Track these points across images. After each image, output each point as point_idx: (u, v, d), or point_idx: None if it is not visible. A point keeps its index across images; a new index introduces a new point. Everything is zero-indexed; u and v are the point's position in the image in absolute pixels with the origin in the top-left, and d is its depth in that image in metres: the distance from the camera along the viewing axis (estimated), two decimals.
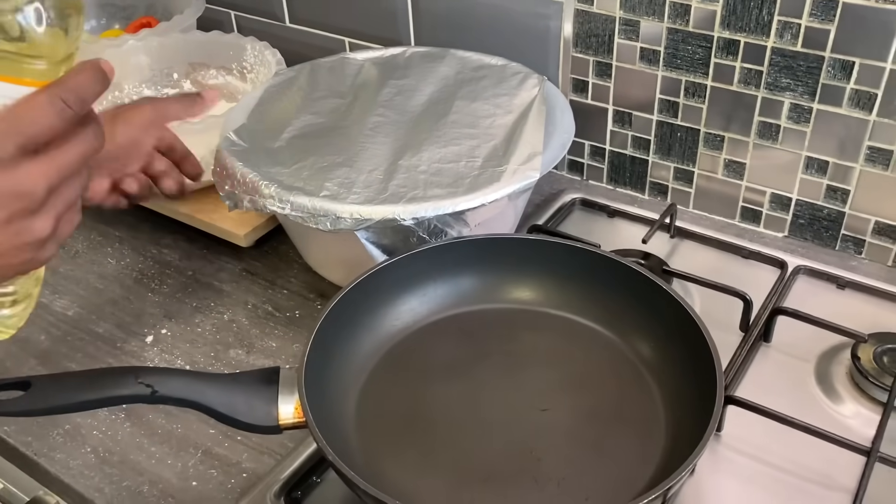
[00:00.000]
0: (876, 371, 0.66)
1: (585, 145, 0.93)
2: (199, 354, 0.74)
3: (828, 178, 0.80)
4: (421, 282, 0.69)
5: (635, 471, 0.57)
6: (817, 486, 0.61)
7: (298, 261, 0.84)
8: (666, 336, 0.63)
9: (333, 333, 0.62)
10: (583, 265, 0.68)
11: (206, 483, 0.63)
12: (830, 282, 0.79)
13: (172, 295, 0.81)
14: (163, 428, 0.67)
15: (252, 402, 0.55)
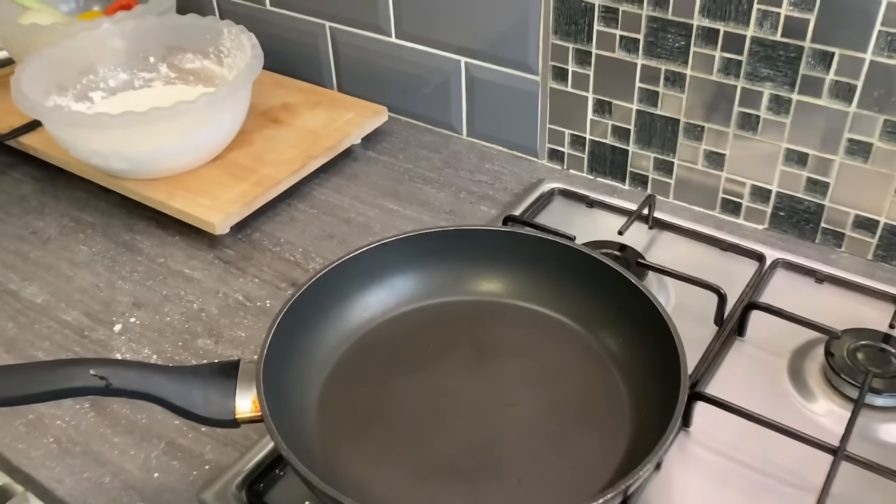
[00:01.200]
0: (849, 368, 0.65)
1: (566, 134, 0.92)
2: (167, 344, 0.73)
3: (808, 171, 0.79)
4: (389, 273, 0.68)
5: (598, 467, 0.56)
6: (787, 484, 0.60)
7: (272, 249, 0.83)
8: (634, 331, 0.62)
9: (296, 325, 0.61)
10: (554, 258, 0.67)
11: (169, 474, 0.62)
12: (809, 276, 0.78)
13: (143, 283, 0.80)
14: (127, 419, 0.66)
15: (209, 396, 0.55)
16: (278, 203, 0.89)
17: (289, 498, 0.59)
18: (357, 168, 0.95)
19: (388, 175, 0.94)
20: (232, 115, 0.87)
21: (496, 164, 0.96)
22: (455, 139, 1.00)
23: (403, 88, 1.01)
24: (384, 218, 0.87)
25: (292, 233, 0.86)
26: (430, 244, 0.69)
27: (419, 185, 0.93)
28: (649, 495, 0.59)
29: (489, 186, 0.92)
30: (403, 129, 1.02)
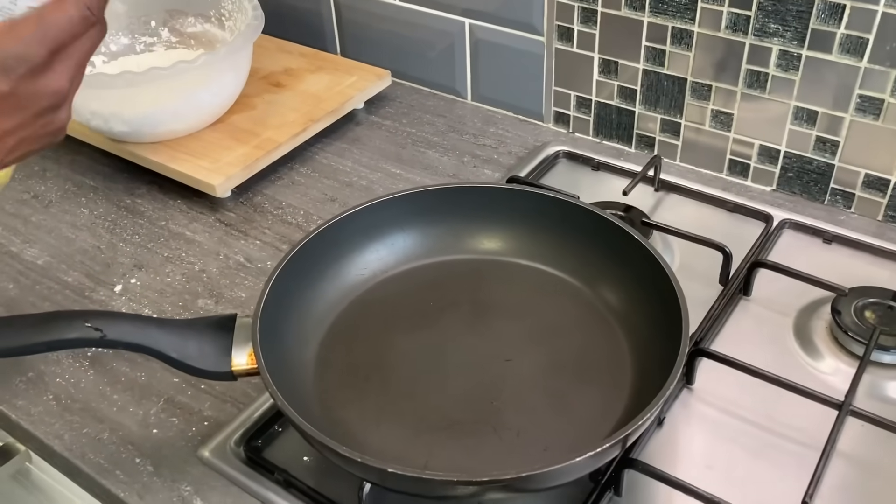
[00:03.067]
0: (856, 326, 0.64)
1: (571, 96, 0.90)
2: (167, 304, 0.73)
3: (817, 129, 0.77)
4: (389, 231, 0.68)
5: (597, 422, 0.55)
6: (791, 441, 0.59)
7: (273, 212, 0.83)
8: (637, 287, 0.61)
9: (294, 281, 0.61)
10: (556, 215, 0.66)
11: (167, 431, 0.62)
12: (817, 236, 0.77)
13: (144, 245, 0.80)
14: (126, 376, 0.66)
15: (205, 349, 0.54)
16: (280, 167, 0.88)
17: (287, 454, 0.59)
18: (360, 132, 0.94)
19: (391, 139, 0.93)
20: (233, 77, 0.86)
21: (501, 128, 0.94)
22: (459, 103, 0.99)
23: (407, 52, 1.00)
24: (387, 182, 0.87)
25: (294, 196, 0.85)
26: (431, 202, 0.68)
27: (422, 150, 0.92)
28: (652, 451, 0.58)
29: (493, 150, 0.91)
30: (407, 94, 1.01)
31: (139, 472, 0.59)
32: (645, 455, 0.58)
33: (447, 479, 0.45)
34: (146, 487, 0.58)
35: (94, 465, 0.59)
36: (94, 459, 0.60)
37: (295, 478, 0.56)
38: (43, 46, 0.45)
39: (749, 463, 0.58)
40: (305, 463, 0.58)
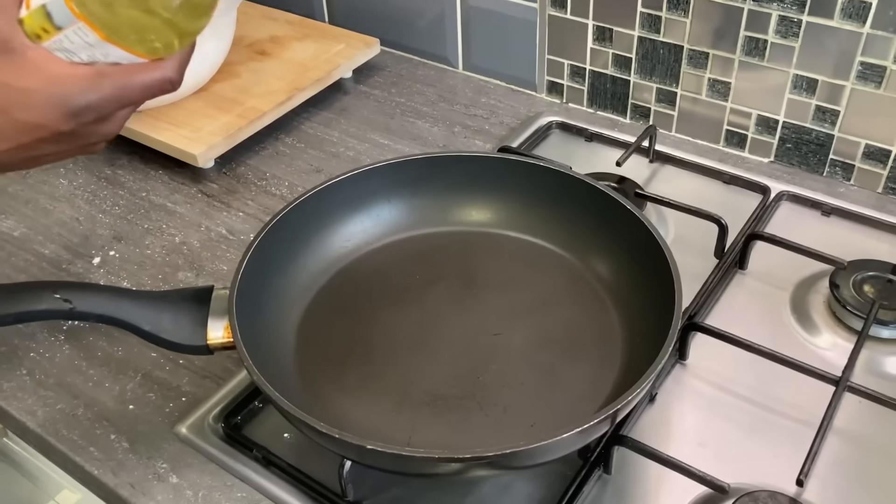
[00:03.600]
0: (854, 300, 0.62)
1: (565, 65, 0.88)
2: (147, 277, 0.71)
3: (816, 99, 0.75)
4: (375, 201, 0.65)
5: (588, 397, 0.53)
6: (785, 417, 0.57)
7: (257, 183, 0.81)
8: (629, 259, 0.59)
9: (274, 253, 0.58)
10: (547, 186, 0.64)
11: (144, 406, 0.60)
12: (815, 208, 0.75)
13: (124, 216, 0.77)
14: (103, 350, 0.64)
15: (179, 321, 0.52)
16: (264, 137, 0.86)
17: (267, 431, 0.57)
18: (347, 102, 0.92)
19: (379, 109, 0.91)
20: (215, 44, 0.83)
21: (493, 99, 0.92)
22: (450, 73, 0.97)
23: (397, 20, 0.97)
24: (374, 152, 0.84)
25: (278, 167, 0.83)
26: (419, 171, 0.66)
27: (412, 120, 0.89)
28: (643, 427, 0.57)
29: (485, 121, 0.89)
30: (397, 63, 0.98)
31: (114, 448, 0.57)
32: (636, 432, 0.56)
33: (428, 455, 0.43)
34: (121, 464, 0.56)
35: (67, 441, 0.57)
36: (67, 436, 0.58)
37: (275, 455, 0.55)
38: (119, 103, 0.44)
39: (743, 440, 0.56)
40: (286, 440, 0.56)
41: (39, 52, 0.42)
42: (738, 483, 0.52)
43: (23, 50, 0.42)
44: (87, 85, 0.43)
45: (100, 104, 0.43)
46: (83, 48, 0.43)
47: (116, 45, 0.43)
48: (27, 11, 0.42)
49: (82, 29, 0.42)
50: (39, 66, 0.42)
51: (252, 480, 0.54)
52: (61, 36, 0.42)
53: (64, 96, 0.43)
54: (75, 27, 0.41)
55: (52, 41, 0.42)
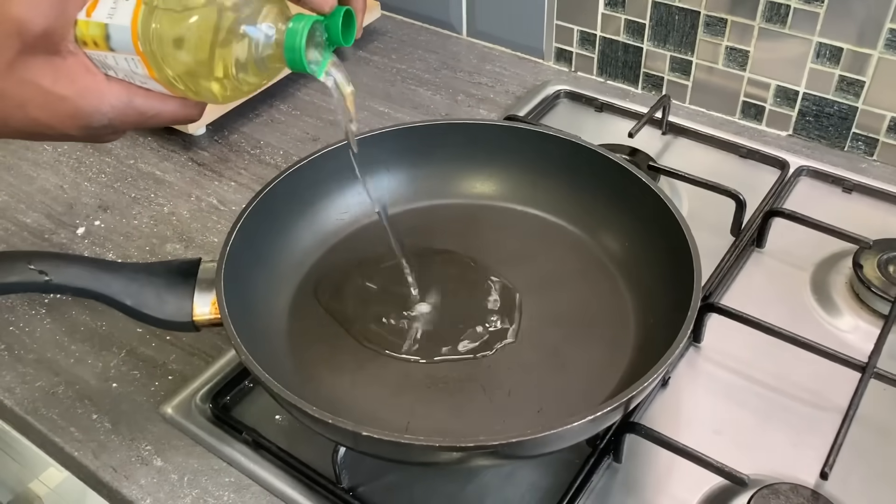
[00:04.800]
0: (879, 281, 0.59)
1: (574, 31, 0.84)
2: (133, 248, 0.67)
3: (840, 69, 0.71)
4: (373, 172, 0.62)
5: (597, 382, 0.50)
6: (805, 404, 0.54)
7: (250, 151, 0.77)
8: (642, 234, 0.56)
9: (266, 225, 0.55)
10: (555, 156, 0.61)
11: (128, 385, 0.57)
12: (836, 185, 0.71)
13: (110, 185, 0.74)
14: (86, 325, 0.61)
15: (164, 296, 0.49)
16: (259, 104, 0.82)
17: (258, 412, 0.54)
18: (347, 68, 0.87)
19: (379, 76, 0.87)
20: None
21: (498, 66, 0.88)
22: (454, 39, 0.93)
23: None
24: (374, 121, 0.81)
25: (273, 135, 0.79)
26: (420, 140, 0.62)
27: (413, 87, 0.85)
28: (655, 413, 0.54)
29: (489, 89, 0.85)
30: (398, 28, 0.94)
31: (95, 429, 0.54)
32: (647, 418, 0.53)
33: (428, 444, 0.40)
34: (102, 446, 0.53)
35: (47, 420, 0.54)
36: (46, 415, 0.55)
37: (265, 438, 0.52)
38: (136, 126, 0.43)
39: (760, 428, 0.53)
40: (277, 422, 0.53)
41: (80, 60, 0.40)
42: (756, 474, 0.49)
43: (66, 54, 0.40)
44: (115, 107, 0.41)
45: (119, 125, 0.42)
46: (126, 72, 0.41)
47: (163, 85, 0.41)
48: (86, 18, 0.40)
49: (135, 61, 0.40)
50: (76, 74, 0.40)
51: (241, 464, 0.51)
52: (111, 55, 0.40)
53: (89, 112, 0.41)
54: (129, 56, 0.40)
55: (99, 54, 0.40)
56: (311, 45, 0.41)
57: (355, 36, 0.44)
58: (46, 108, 0.40)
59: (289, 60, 0.41)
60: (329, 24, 0.42)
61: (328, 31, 0.42)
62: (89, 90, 0.40)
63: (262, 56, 0.41)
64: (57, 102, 0.40)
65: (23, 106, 0.40)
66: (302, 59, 0.40)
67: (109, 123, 0.42)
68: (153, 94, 0.42)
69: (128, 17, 0.39)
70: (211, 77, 0.40)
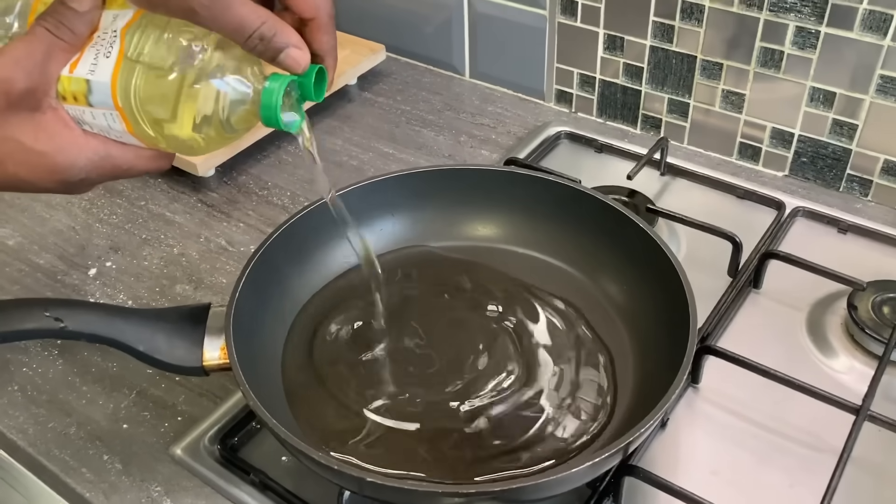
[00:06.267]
0: (873, 322, 0.60)
1: (574, 74, 0.86)
2: (143, 289, 0.69)
3: (834, 112, 0.73)
4: (379, 215, 0.64)
5: (597, 423, 0.51)
6: (802, 445, 0.55)
7: (258, 192, 0.79)
8: (640, 278, 0.57)
9: (273, 269, 0.57)
10: (555, 200, 0.62)
11: (138, 426, 0.58)
12: (831, 225, 0.72)
13: (121, 226, 0.76)
14: (97, 366, 0.62)
15: (175, 341, 0.50)
16: (266, 145, 0.84)
17: (265, 453, 0.55)
18: (351, 109, 0.90)
19: (384, 117, 0.89)
20: None
21: (500, 107, 0.90)
22: (457, 80, 0.95)
23: (403, 25, 0.96)
24: (378, 162, 0.82)
25: (280, 176, 0.81)
26: (423, 185, 0.64)
27: (417, 128, 0.87)
28: (653, 454, 0.55)
29: (492, 130, 0.87)
30: (402, 70, 0.97)
31: (107, 470, 0.55)
32: (646, 460, 0.54)
33: (431, 490, 0.41)
34: (113, 487, 0.54)
35: (59, 461, 0.56)
36: (59, 456, 0.56)
37: (272, 479, 0.53)
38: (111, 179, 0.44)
39: (757, 469, 0.54)
40: (284, 464, 0.54)
41: (59, 115, 0.42)
42: None
43: (47, 110, 0.41)
44: (91, 161, 0.42)
45: (95, 179, 0.43)
46: (102, 127, 0.42)
47: (138, 139, 0.42)
48: (69, 73, 0.41)
49: (114, 116, 0.41)
50: (55, 130, 0.42)
51: None
52: (89, 110, 0.42)
53: (66, 167, 0.42)
54: (108, 112, 0.41)
55: (77, 109, 0.42)
56: (285, 104, 0.42)
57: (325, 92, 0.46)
58: (25, 164, 0.41)
59: (264, 118, 0.42)
60: (302, 81, 0.43)
61: (301, 88, 0.44)
62: (67, 146, 0.42)
63: (238, 113, 0.42)
64: (36, 158, 0.41)
65: (2, 162, 0.41)
66: (277, 116, 0.42)
67: (86, 177, 0.43)
68: (128, 147, 0.43)
69: (108, 73, 0.40)
70: (188, 132, 0.41)
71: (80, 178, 0.43)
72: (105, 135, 0.43)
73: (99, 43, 0.41)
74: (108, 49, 0.41)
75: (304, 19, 0.43)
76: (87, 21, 0.41)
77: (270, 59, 0.42)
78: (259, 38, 0.40)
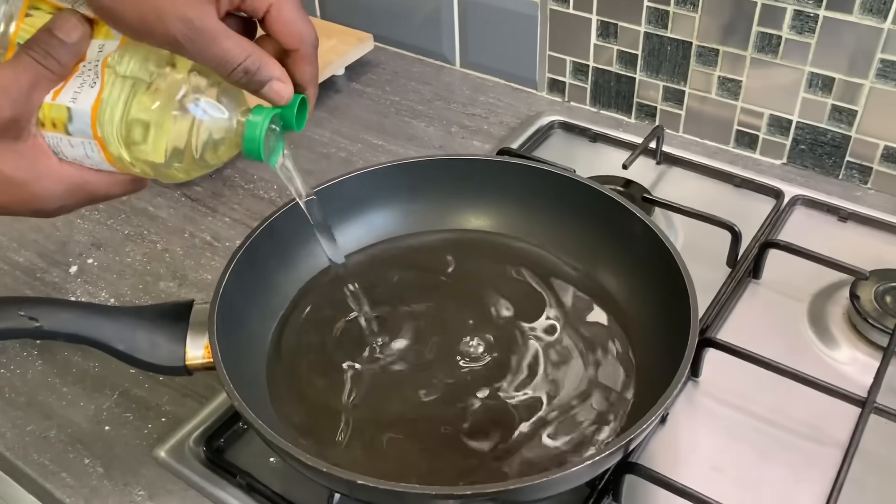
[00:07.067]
0: (877, 312, 0.59)
1: (567, 62, 0.84)
2: (126, 287, 0.67)
3: (833, 98, 0.71)
4: (368, 207, 0.62)
5: (596, 420, 0.50)
6: (804, 438, 0.54)
7: (244, 186, 0.77)
8: (637, 269, 0.56)
9: (259, 264, 0.55)
10: (550, 190, 0.61)
11: (121, 428, 0.56)
12: (831, 213, 0.71)
13: (104, 222, 0.73)
14: (78, 367, 0.60)
15: (156, 340, 0.49)
16: None
17: (252, 455, 0.54)
18: (339, 100, 0.88)
19: (372, 108, 0.87)
20: None
21: (491, 97, 0.88)
22: (447, 70, 0.93)
23: (392, 14, 0.93)
24: (367, 153, 0.80)
25: (266, 169, 0.77)
26: (413, 176, 0.62)
27: (407, 119, 0.85)
28: (653, 452, 0.53)
29: (483, 120, 0.85)
30: (391, 60, 0.95)
31: (88, 474, 0.53)
32: (646, 456, 0.52)
33: (424, 492, 0.39)
34: (94, 492, 0.52)
35: (37, 466, 0.54)
36: (38, 460, 0.54)
37: (259, 482, 0.51)
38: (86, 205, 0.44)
39: (760, 464, 0.52)
40: (272, 465, 0.53)
41: (39, 143, 0.41)
42: None
43: (28, 137, 0.40)
44: (69, 190, 0.42)
45: (71, 206, 0.43)
46: (80, 156, 0.41)
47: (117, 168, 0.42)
48: (51, 100, 0.40)
49: (92, 146, 0.41)
50: (35, 159, 0.41)
51: None
52: (67, 138, 0.41)
53: (43, 196, 0.42)
54: (87, 140, 0.41)
55: (54, 136, 0.41)
56: (268, 136, 0.42)
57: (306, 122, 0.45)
58: (4, 193, 0.41)
59: (247, 150, 0.42)
60: (284, 112, 0.43)
61: (282, 118, 0.43)
62: (46, 175, 0.41)
63: (220, 143, 0.42)
64: (15, 187, 0.41)
65: None
66: (260, 150, 0.42)
67: (63, 205, 0.42)
68: (104, 174, 0.42)
69: (90, 102, 0.40)
70: (168, 161, 0.41)
71: (56, 206, 0.43)
72: (81, 163, 0.42)
73: (84, 73, 0.41)
74: (93, 79, 0.40)
75: (288, 50, 0.43)
76: (75, 52, 0.40)
77: (254, 92, 0.42)
78: (244, 72, 0.40)
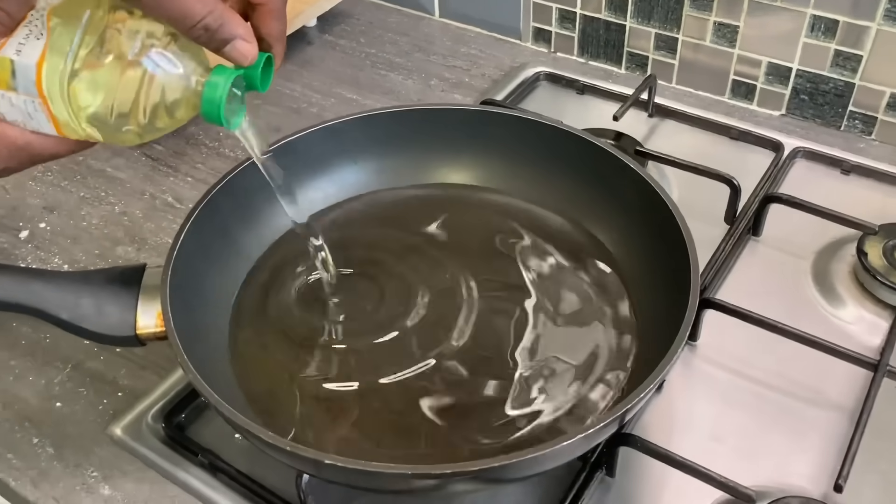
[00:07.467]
0: (885, 269, 0.55)
1: (553, 9, 0.79)
2: (81, 252, 0.62)
3: (836, 42, 0.67)
4: (338, 162, 0.57)
5: (589, 387, 0.46)
6: (808, 403, 0.50)
7: (208, 144, 0.72)
8: (631, 224, 0.52)
9: (220, 224, 0.50)
10: (536, 142, 0.56)
11: (73, 404, 0.52)
12: (833, 166, 0.67)
13: (57, 183, 0.68)
14: (28, 338, 0.56)
15: (104, 307, 0.44)
16: None
17: (215, 432, 0.50)
18: (311, 53, 0.83)
19: (346, 61, 0.82)
20: None
21: (473, 48, 0.83)
22: (426, 20, 0.88)
23: None
24: (340, 108, 0.76)
25: None
26: (389, 127, 0.57)
27: (383, 72, 0.80)
28: (649, 421, 0.49)
29: (464, 72, 0.80)
30: (366, 10, 0.89)
31: (36, 454, 0.49)
32: (641, 427, 0.49)
33: (399, 472, 0.35)
34: (43, 474, 0.48)
35: None
36: None
37: (223, 461, 0.47)
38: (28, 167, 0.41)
39: (763, 433, 0.49)
40: (237, 443, 0.48)
41: None
42: (761, 486, 0.45)
43: None
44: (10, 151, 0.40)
45: (14, 168, 0.41)
46: (21, 113, 0.38)
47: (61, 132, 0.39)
48: None
49: (35, 104, 0.38)
50: None
51: (197, 490, 0.47)
52: (11, 94, 0.38)
53: None
54: (29, 99, 0.38)
55: None
56: (229, 99, 0.38)
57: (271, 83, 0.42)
58: None
59: (205, 113, 0.38)
60: (248, 72, 0.39)
61: (246, 78, 0.40)
62: None
63: (176, 104, 0.38)
64: None
65: None
66: (220, 113, 0.38)
67: (5, 168, 0.40)
68: (48, 137, 0.39)
69: (35, 55, 0.37)
70: (119, 123, 0.37)
71: None
72: (24, 124, 0.39)
73: (31, 23, 0.37)
74: (39, 30, 0.37)
75: (253, 3, 0.40)
76: (23, 1, 0.36)
77: (215, 51, 0.38)
78: (204, 29, 0.37)
